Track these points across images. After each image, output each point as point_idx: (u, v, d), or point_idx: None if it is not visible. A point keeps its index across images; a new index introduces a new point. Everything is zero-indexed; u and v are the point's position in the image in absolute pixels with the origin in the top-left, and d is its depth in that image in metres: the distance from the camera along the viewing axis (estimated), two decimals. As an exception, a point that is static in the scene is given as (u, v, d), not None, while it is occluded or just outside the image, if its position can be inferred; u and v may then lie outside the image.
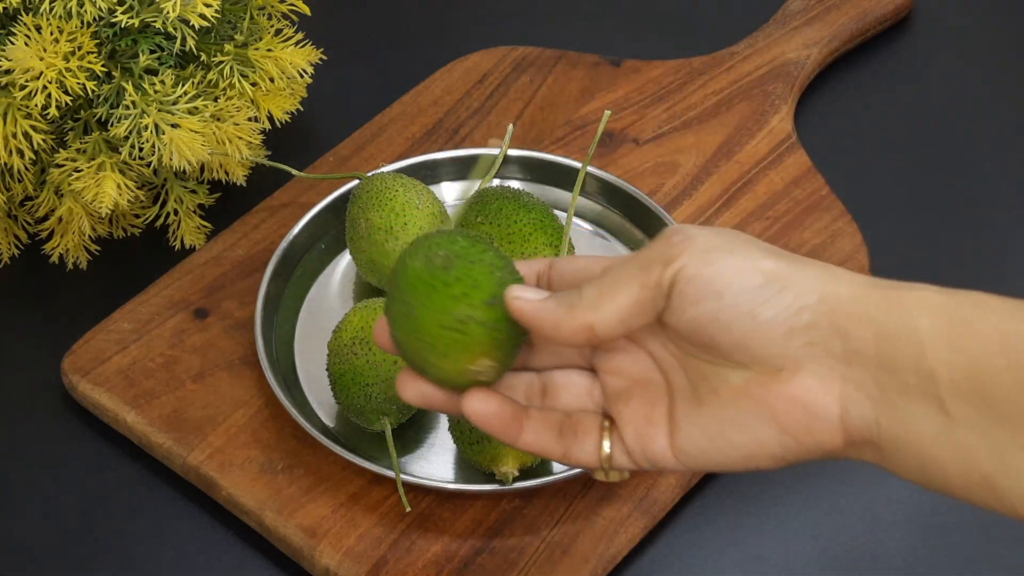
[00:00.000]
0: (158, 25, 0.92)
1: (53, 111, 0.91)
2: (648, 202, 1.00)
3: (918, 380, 0.60)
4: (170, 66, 0.95)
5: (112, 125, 0.94)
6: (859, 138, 1.11)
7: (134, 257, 1.03)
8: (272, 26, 1.00)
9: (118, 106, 0.94)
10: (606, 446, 0.67)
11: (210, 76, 0.96)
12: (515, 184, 1.03)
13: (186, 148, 0.92)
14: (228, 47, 0.96)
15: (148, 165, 0.96)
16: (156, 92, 0.93)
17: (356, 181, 1.00)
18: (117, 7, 0.91)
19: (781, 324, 0.62)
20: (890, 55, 1.16)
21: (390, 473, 0.87)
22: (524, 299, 0.64)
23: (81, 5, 0.91)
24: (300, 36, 1.00)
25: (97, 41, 0.92)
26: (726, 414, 0.64)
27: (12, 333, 0.99)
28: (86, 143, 0.95)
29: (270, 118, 0.99)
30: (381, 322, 0.67)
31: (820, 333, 0.61)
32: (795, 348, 0.62)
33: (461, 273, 0.64)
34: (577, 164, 1.02)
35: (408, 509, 0.87)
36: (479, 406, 0.66)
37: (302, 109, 1.02)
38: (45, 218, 1.00)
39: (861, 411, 0.62)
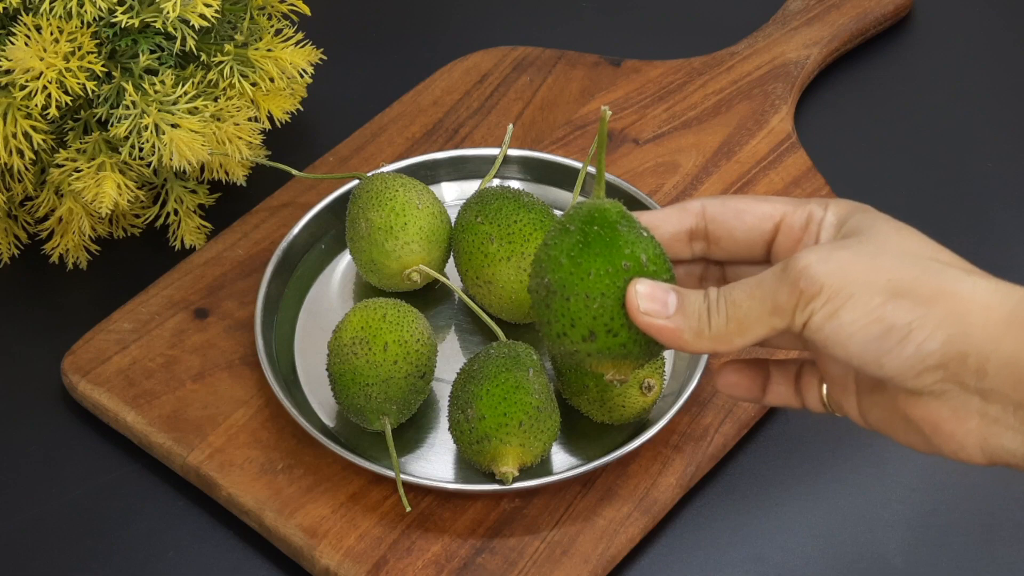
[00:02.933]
0: (158, 25, 0.92)
1: (53, 111, 0.91)
2: (648, 202, 1.00)
3: None
4: (170, 66, 0.95)
5: (112, 125, 0.94)
6: (859, 138, 1.11)
7: (134, 257, 1.03)
8: (272, 26, 1.00)
9: (118, 106, 0.94)
10: (824, 391, 0.72)
11: (210, 76, 0.96)
12: (515, 184, 1.03)
13: (186, 148, 0.92)
14: (228, 47, 0.96)
15: (148, 165, 0.96)
16: (156, 92, 0.93)
17: (356, 181, 1.00)
18: (117, 7, 0.91)
19: (909, 369, 0.63)
20: (890, 55, 1.16)
21: (390, 473, 0.87)
22: (651, 317, 0.66)
23: (81, 5, 0.91)
24: (300, 36, 1.00)
25: (97, 41, 0.92)
26: (891, 407, 0.66)
27: (12, 333, 0.99)
28: (86, 143, 0.95)
29: (270, 118, 0.99)
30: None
31: (950, 371, 0.62)
32: (928, 385, 0.63)
33: (558, 311, 0.66)
34: (577, 164, 1.02)
35: (408, 509, 0.87)
36: (727, 378, 0.73)
37: (302, 109, 1.02)
38: (45, 218, 1.00)
39: (1002, 442, 0.63)
